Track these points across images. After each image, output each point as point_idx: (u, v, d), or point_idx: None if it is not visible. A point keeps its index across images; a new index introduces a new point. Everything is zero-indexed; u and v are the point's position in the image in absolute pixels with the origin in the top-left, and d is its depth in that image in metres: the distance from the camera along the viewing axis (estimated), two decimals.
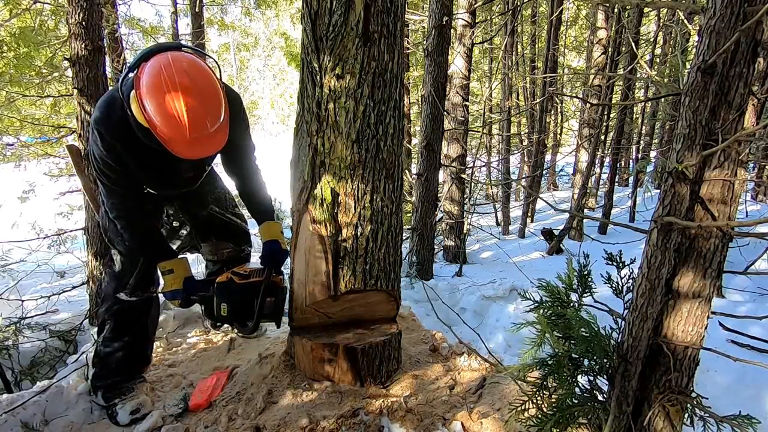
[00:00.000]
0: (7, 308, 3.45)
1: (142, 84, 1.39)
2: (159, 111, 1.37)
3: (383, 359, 1.79)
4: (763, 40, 1.05)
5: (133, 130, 1.53)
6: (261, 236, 1.94)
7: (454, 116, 5.59)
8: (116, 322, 1.84)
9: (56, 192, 5.13)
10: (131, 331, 1.88)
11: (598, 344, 1.19)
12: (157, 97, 1.36)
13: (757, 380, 2.73)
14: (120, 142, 1.56)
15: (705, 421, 1.17)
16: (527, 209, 9.03)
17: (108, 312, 1.85)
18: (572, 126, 14.94)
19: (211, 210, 2.16)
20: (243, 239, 2.33)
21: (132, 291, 1.82)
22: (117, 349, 1.85)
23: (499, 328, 3.48)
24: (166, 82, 1.36)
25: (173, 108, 1.35)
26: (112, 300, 1.84)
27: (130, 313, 1.86)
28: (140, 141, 1.55)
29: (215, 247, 2.26)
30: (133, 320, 1.88)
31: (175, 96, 1.35)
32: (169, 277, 1.74)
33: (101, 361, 1.86)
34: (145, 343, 1.97)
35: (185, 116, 1.36)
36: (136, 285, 1.82)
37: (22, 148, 6.02)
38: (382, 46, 1.53)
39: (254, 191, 1.98)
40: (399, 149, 1.70)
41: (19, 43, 5.06)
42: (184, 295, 1.74)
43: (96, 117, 1.57)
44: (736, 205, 1.15)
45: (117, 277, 1.85)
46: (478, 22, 5.87)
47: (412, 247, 4.96)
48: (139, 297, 1.84)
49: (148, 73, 1.40)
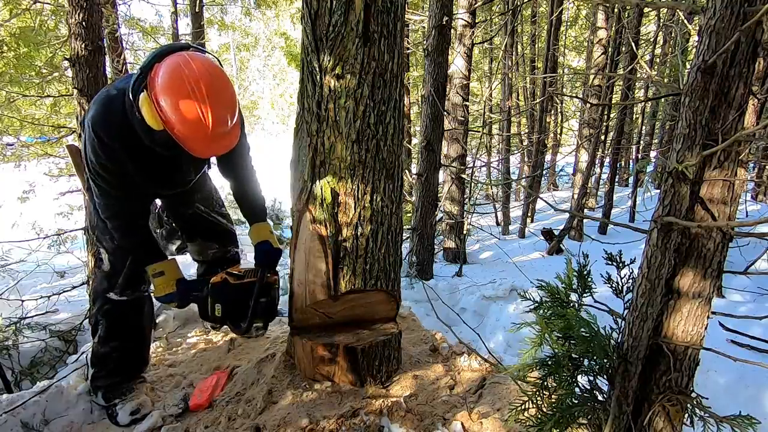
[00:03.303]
0: (7, 308, 3.44)
1: (159, 84, 1.37)
2: (179, 110, 1.34)
3: (383, 359, 1.79)
4: (763, 40, 1.05)
5: (133, 131, 1.52)
6: (251, 240, 1.92)
7: (454, 116, 5.59)
8: (109, 321, 1.83)
9: (56, 192, 5.14)
10: (125, 330, 1.86)
11: (598, 344, 1.19)
12: (177, 96, 1.34)
13: (757, 380, 2.74)
14: (118, 141, 1.53)
15: (705, 421, 1.17)
16: (527, 209, 9.03)
17: (100, 312, 1.83)
18: (572, 126, 14.93)
19: (197, 209, 2.14)
20: (229, 240, 2.32)
21: (122, 290, 1.79)
22: (113, 350, 1.84)
23: (499, 328, 3.48)
24: (188, 80, 1.35)
25: (196, 106, 1.34)
26: (102, 300, 1.82)
27: (121, 313, 1.84)
28: (140, 142, 1.53)
29: (201, 247, 2.25)
30: (126, 319, 1.86)
31: (198, 95, 1.34)
32: (160, 279, 1.71)
33: (99, 361, 1.85)
34: (140, 343, 1.96)
35: (210, 114, 1.35)
36: (126, 284, 1.79)
37: (22, 148, 6.03)
38: (382, 46, 1.53)
39: (249, 192, 1.97)
40: (399, 149, 1.70)
41: (19, 43, 5.07)
42: (178, 296, 1.73)
43: (93, 116, 1.53)
44: (736, 205, 1.15)
45: (106, 276, 1.82)
46: (478, 22, 5.87)
47: (412, 247, 4.96)
48: (130, 296, 1.82)
49: (165, 73, 1.37)
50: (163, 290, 1.71)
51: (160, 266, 1.71)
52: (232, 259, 2.34)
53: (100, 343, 1.85)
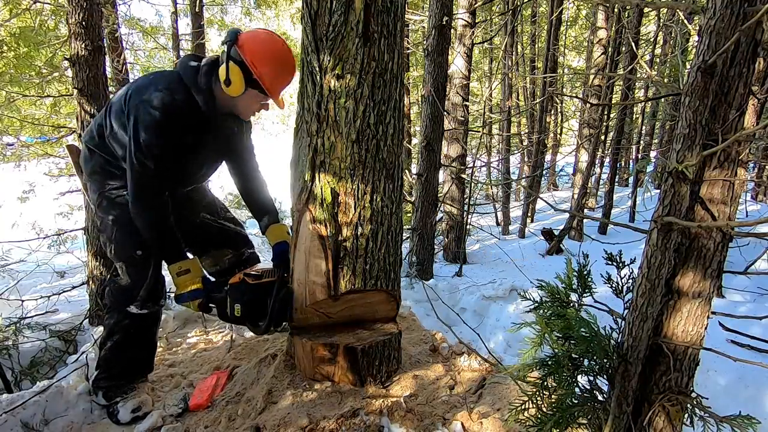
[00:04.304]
0: (7, 308, 3.44)
1: (249, 47, 1.64)
2: (272, 56, 1.67)
3: (383, 359, 1.79)
4: (763, 40, 1.05)
5: (193, 112, 1.66)
6: (269, 240, 1.97)
7: (454, 116, 5.60)
8: (125, 335, 1.81)
9: (56, 192, 5.13)
10: (138, 342, 1.86)
11: (598, 344, 1.19)
12: (269, 47, 1.67)
13: (757, 380, 2.74)
14: (182, 122, 1.65)
15: (705, 421, 1.17)
16: (527, 209, 9.04)
17: (117, 326, 1.81)
18: (572, 126, 14.94)
19: (204, 219, 2.14)
20: (241, 242, 2.29)
21: (143, 303, 1.78)
22: (123, 359, 1.84)
23: (499, 328, 3.48)
24: (272, 38, 1.70)
25: (285, 52, 1.69)
26: (121, 314, 1.80)
27: (139, 326, 1.83)
28: (194, 126, 1.69)
29: (215, 257, 2.22)
30: (143, 332, 1.86)
31: (285, 46, 1.71)
32: (186, 277, 1.71)
33: (105, 365, 1.84)
34: (150, 352, 1.96)
35: (293, 58, 1.73)
36: (148, 296, 1.78)
37: (22, 148, 6.03)
38: (382, 46, 1.53)
39: (259, 192, 2.03)
40: (399, 149, 1.70)
41: (19, 43, 5.07)
42: (204, 293, 1.73)
43: (160, 100, 1.59)
44: (736, 205, 1.15)
45: (125, 290, 1.80)
46: (478, 22, 5.87)
47: (412, 247, 4.96)
48: (150, 309, 1.81)
49: (252, 38, 1.66)
50: (189, 287, 1.71)
51: (186, 264, 1.72)
52: (248, 260, 2.30)
53: (111, 352, 1.83)
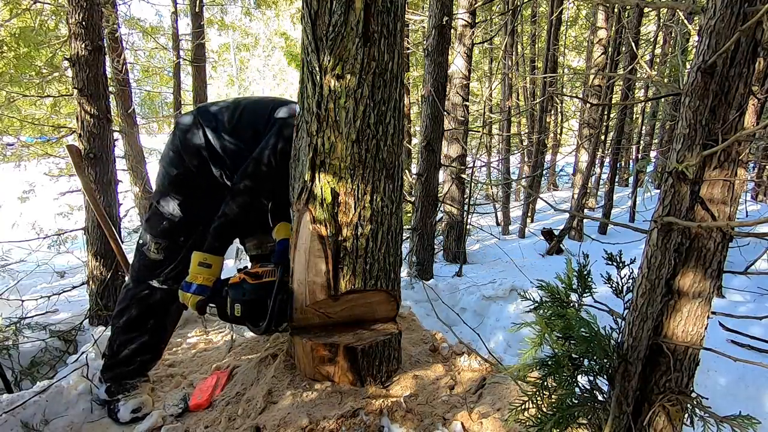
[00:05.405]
0: (7, 308, 3.45)
1: None
2: None
3: (383, 359, 1.79)
4: (763, 40, 1.05)
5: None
6: (276, 235, 1.97)
7: (454, 116, 5.60)
8: (140, 309, 1.88)
9: (56, 192, 5.13)
10: (153, 320, 1.91)
11: (598, 344, 1.19)
12: None
13: (757, 380, 2.74)
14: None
15: (705, 421, 1.17)
16: (527, 209, 9.03)
17: (135, 298, 1.87)
18: (572, 126, 14.94)
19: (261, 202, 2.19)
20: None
21: (166, 279, 1.88)
22: (132, 339, 1.88)
23: (499, 328, 3.48)
24: None
25: None
26: (141, 286, 1.87)
27: (158, 300, 1.89)
28: None
29: (260, 240, 2.25)
30: (160, 306, 1.91)
31: None
32: (204, 270, 1.73)
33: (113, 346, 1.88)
34: (163, 334, 1.99)
35: None
36: (176, 275, 1.87)
37: (22, 148, 6.03)
38: (382, 46, 1.53)
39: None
40: (399, 149, 1.70)
41: (19, 43, 5.07)
42: (210, 293, 1.75)
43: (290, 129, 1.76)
44: (736, 205, 1.15)
45: (152, 265, 1.88)
46: (478, 22, 5.87)
47: (412, 247, 4.96)
48: (170, 286, 1.88)
49: None
50: (200, 280, 1.72)
51: (211, 259, 1.74)
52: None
53: (123, 330, 1.88)
